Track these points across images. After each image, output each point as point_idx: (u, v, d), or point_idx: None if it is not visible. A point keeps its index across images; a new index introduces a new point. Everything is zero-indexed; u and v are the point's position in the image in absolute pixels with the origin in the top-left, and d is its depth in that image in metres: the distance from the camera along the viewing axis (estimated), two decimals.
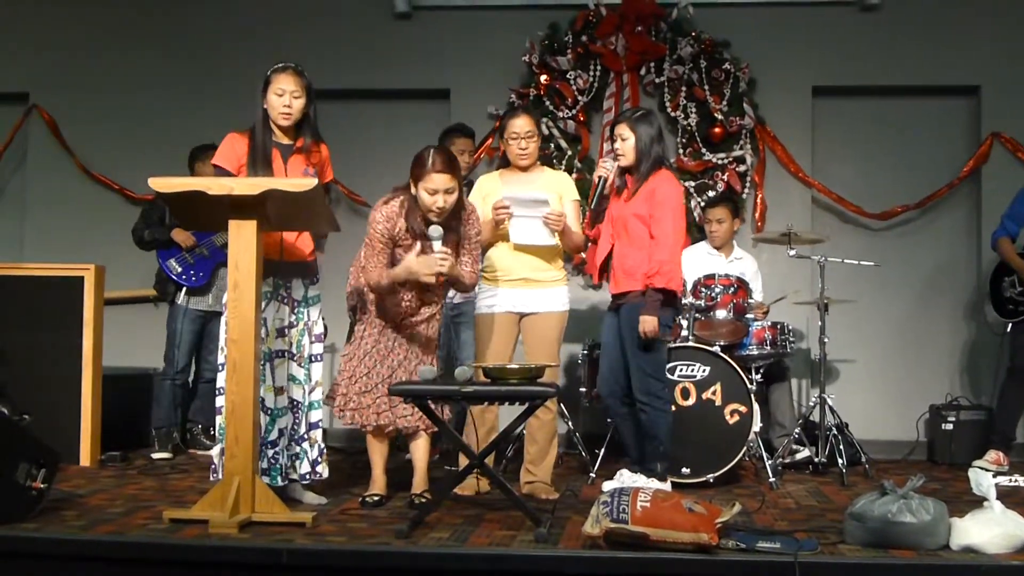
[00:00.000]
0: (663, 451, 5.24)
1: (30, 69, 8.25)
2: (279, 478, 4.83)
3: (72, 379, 6.18)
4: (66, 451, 5.54)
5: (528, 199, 5.29)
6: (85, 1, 8.24)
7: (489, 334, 5.41)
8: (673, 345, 5.74)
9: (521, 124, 5.44)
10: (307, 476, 4.97)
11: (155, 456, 6.52)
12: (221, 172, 4.83)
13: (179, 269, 6.67)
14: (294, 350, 4.96)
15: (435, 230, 4.69)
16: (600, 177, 5.41)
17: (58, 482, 4.85)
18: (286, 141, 4.92)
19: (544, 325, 5.44)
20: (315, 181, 4.37)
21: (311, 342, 5.02)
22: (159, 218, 6.72)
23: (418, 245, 4.81)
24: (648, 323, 5.11)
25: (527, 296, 5.42)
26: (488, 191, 5.47)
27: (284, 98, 4.86)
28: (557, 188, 5.49)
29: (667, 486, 5.15)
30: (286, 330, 4.95)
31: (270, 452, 4.85)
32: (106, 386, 6.32)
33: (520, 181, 5.48)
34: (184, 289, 6.70)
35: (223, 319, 4.62)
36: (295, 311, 4.98)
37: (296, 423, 4.97)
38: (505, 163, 5.62)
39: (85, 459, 6.13)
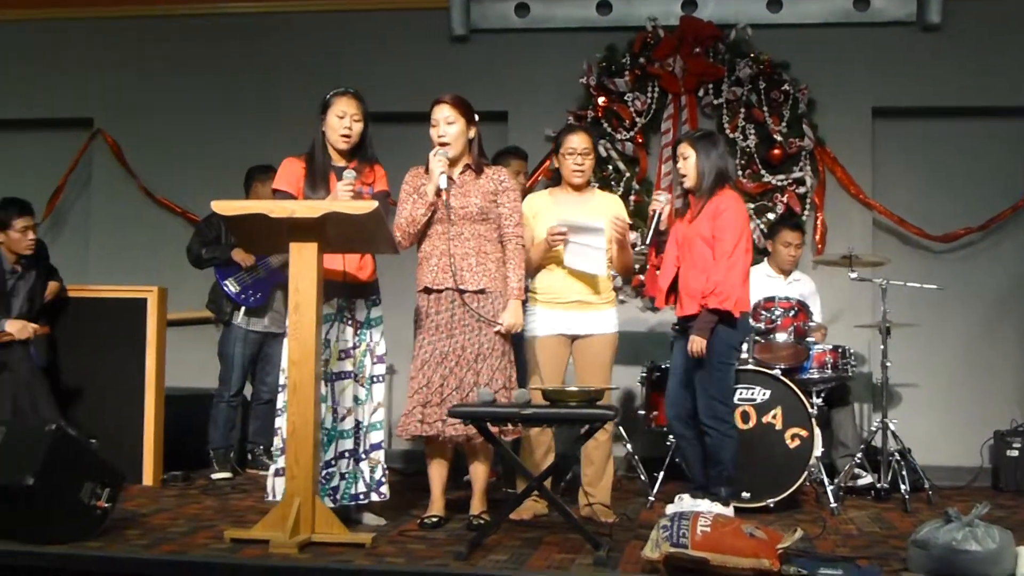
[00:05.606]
0: (727, 476, 5.19)
1: (94, 95, 8.39)
2: (327, 499, 4.83)
3: (135, 399, 6.24)
4: (129, 471, 5.61)
5: (583, 226, 5.26)
6: (148, 28, 8.38)
7: (540, 356, 5.38)
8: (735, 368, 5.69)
9: (578, 140, 5.42)
10: (362, 496, 4.99)
11: (215, 476, 6.57)
12: (283, 196, 4.89)
13: (237, 288, 6.71)
14: (357, 370, 5.00)
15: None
16: (655, 211, 5.42)
17: (122, 501, 4.92)
18: (341, 163, 4.97)
19: (598, 347, 5.41)
20: (375, 204, 4.39)
21: (373, 363, 5.05)
22: (215, 237, 6.77)
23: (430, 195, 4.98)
24: (696, 343, 5.11)
25: (580, 318, 5.39)
26: (538, 209, 5.41)
27: (345, 120, 4.92)
28: (608, 210, 5.45)
29: (730, 511, 5.10)
30: (350, 351, 4.99)
31: (323, 473, 4.87)
32: (168, 406, 6.38)
33: (572, 202, 5.45)
34: (242, 309, 6.75)
35: (285, 340, 4.64)
36: (358, 332, 5.02)
37: (357, 443, 4.99)
38: (556, 182, 5.61)
39: (148, 479, 6.20)
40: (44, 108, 8.45)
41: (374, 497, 5.00)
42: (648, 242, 5.49)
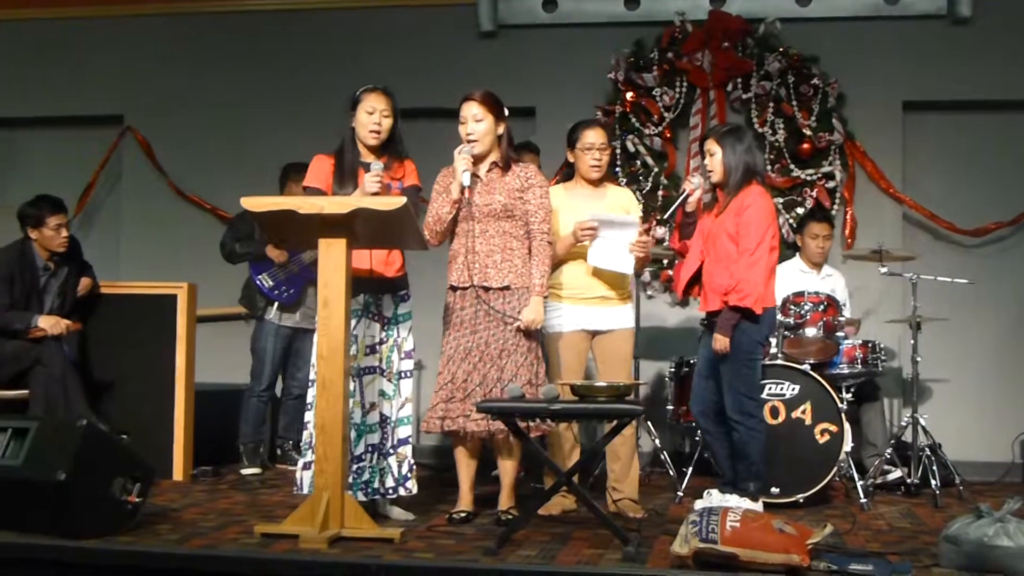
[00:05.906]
0: (755, 471, 5.16)
1: (124, 92, 8.44)
2: (359, 493, 4.87)
3: (165, 395, 6.27)
4: (159, 465, 5.63)
5: (616, 221, 5.26)
6: (177, 25, 8.42)
7: (564, 352, 5.36)
8: (762, 363, 5.67)
9: (596, 135, 5.41)
10: (392, 491, 5.00)
11: (245, 472, 6.60)
12: (313, 193, 4.90)
13: (270, 283, 6.72)
14: (384, 366, 5.01)
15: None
16: (683, 190, 5.39)
17: (152, 496, 4.94)
18: (370, 159, 4.98)
19: (620, 342, 5.42)
20: (404, 200, 4.40)
21: (400, 358, 5.06)
22: (249, 232, 6.79)
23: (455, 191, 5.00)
24: (719, 341, 5.10)
25: (602, 314, 5.39)
26: (556, 206, 5.34)
27: (374, 116, 4.94)
28: (623, 205, 5.48)
29: (759, 506, 5.08)
30: (377, 346, 5.01)
31: (353, 467, 4.89)
32: (198, 402, 6.41)
33: (587, 196, 5.45)
34: (275, 304, 6.77)
35: (315, 336, 4.66)
36: (385, 328, 5.04)
37: (384, 438, 5.01)
38: (568, 176, 5.59)
39: (178, 473, 6.23)
40: (74, 105, 8.49)
41: (402, 492, 5.01)
42: (669, 215, 5.46)
